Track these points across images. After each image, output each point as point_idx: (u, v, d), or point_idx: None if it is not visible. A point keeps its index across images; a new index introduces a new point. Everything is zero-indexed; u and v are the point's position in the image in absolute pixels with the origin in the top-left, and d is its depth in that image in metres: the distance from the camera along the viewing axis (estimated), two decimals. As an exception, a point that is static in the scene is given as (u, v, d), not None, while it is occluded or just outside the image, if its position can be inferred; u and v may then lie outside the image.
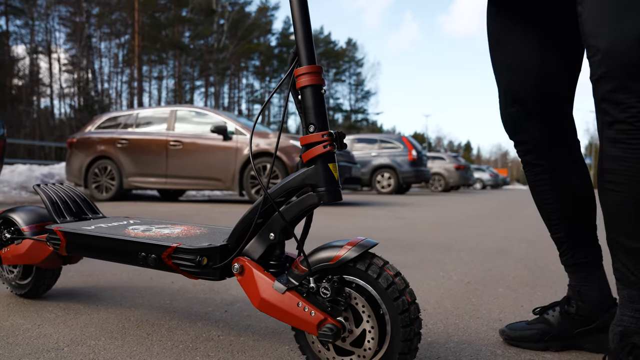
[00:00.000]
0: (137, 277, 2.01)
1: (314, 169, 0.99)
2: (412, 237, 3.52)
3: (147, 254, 1.16)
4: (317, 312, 0.95)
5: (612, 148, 0.96)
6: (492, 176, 29.47)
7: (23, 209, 1.54)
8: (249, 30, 38.90)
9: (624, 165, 0.95)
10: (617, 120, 0.93)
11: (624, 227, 0.96)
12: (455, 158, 17.20)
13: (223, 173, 6.83)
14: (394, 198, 10.23)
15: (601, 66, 0.93)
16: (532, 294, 1.84)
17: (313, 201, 0.99)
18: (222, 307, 1.57)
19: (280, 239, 1.04)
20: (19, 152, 24.90)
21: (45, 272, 1.56)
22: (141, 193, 9.36)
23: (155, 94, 40.21)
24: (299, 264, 1.00)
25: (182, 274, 1.13)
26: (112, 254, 1.25)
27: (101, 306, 1.55)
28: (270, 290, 1.00)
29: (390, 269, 0.95)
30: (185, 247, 1.10)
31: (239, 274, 1.05)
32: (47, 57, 33.58)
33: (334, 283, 0.95)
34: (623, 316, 0.96)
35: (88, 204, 1.58)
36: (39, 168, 9.63)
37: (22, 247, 1.47)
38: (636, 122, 0.91)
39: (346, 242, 0.97)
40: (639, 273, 0.95)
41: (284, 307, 0.98)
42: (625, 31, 0.90)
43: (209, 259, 1.09)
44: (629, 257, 0.96)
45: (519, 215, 6.13)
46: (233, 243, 1.09)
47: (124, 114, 7.86)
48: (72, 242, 1.32)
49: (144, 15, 32.45)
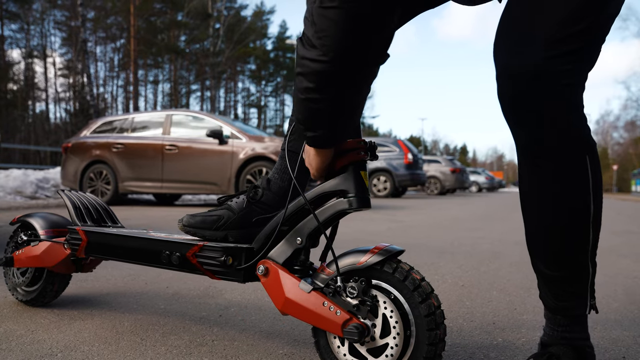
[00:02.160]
0: (132, 282, 2.01)
1: (346, 176, 1.01)
2: (407, 241, 3.53)
3: (172, 252, 1.17)
4: (342, 311, 0.95)
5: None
6: (488, 179, 29.56)
7: (40, 214, 1.58)
8: (244, 34, 38.93)
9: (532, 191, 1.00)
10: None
11: (542, 254, 1.01)
12: (451, 161, 17.25)
13: (219, 177, 6.83)
14: (390, 201, 10.24)
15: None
16: (525, 297, 1.85)
17: (344, 207, 1.00)
18: (216, 312, 1.58)
19: (307, 244, 1.05)
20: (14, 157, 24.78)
21: (55, 279, 1.56)
22: (137, 197, 9.34)
23: (151, 98, 40.18)
24: (325, 268, 1.02)
25: (206, 273, 1.13)
26: (134, 254, 1.26)
27: (95, 312, 1.55)
28: (296, 290, 1.01)
29: (417, 273, 0.96)
30: (211, 245, 1.11)
31: (263, 275, 1.06)
32: (43, 62, 33.52)
33: (361, 282, 0.96)
34: (546, 328, 1.05)
35: (109, 214, 1.60)
36: (34, 173, 9.59)
37: (37, 249, 1.49)
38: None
39: (373, 247, 0.99)
40: (555, 299, 1.01)
41: (310, 306, 0.99)
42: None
43: (234, 258, 1.09)
44: (548, 283, 1.02)
45: (514, 218, 6.16)
46: (258, 247, 1.10)
47: (120, 119, 7.85)
48: (94, 242, 1.34)
49: (140, 20, 32.43)
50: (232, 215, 1.18)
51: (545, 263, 1.01)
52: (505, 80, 0.94)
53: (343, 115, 0.98)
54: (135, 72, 33.22)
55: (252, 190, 1.20)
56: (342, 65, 0.90)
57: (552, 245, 0.99)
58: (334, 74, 0.90)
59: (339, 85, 0.93)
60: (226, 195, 1.25)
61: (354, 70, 0.92)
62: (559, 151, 0.93)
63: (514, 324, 1.51)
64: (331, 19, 0.86)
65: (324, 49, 0.88)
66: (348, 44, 0.88)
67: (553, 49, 0.88)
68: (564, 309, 1.01)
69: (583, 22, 0.88)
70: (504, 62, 0.94)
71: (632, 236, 4.23)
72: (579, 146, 0.94)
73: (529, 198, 1.01)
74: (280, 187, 1.19)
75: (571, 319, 1.01)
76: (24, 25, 31.90)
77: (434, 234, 4.07)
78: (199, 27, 35.99)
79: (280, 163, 1.23)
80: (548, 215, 0.98)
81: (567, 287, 0.99)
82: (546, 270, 1.01)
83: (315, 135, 0.98)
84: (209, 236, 1.18)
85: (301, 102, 0.95)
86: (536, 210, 1.00)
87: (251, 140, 6.81)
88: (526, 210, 1.03)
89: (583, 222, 0.96)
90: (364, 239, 3.56)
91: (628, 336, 1.40)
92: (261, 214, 1.17)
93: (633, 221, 6.04)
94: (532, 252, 1.04)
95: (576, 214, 0.96)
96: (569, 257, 0.98)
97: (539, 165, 0.96)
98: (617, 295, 1.92)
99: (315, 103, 0.94)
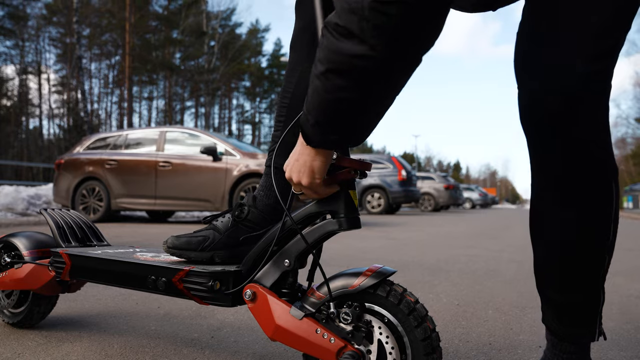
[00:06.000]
0: (122, 301, 1.97)
1: (335, 195, 0.98)
2: (401, 258, 3.51)
3: (157, 277, 1.13)
4: (336, 339, 0.92)
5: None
6: (481, 195, 29.67)
7: (24, 234, 1.53)
8: (239, 51, 39.22)
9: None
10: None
11: (555, 279, 0.99)
12: (444, 178, 17.32)
13: (212, 194, 6.80)
14: (384, 218, 10.22)
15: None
16: (521, 317, 1.83)
17: (333, 227, 0.98)
18: (208, 333, 1.55)
19: (295, 266, 1.02)
20: (6, 173, 24.61)
21: (41, 300, 1.53)
22: (130, 214, 9.26)
23: (145, 115, 40.19)
24: (315, 291, 0.98)
25: (193, 299, 1.10)
26: (119, 278, 1.22)
27: (84, 333, 1.52)
28: (287, 317, 0.97)
29: (411, 296, 0.94)
30: (198, 270, 1.08)
31: (250, 300, 1.02)
32: (37, 78, 33.53)
33: (355, 308, 0.93)
34: (547, 352, 1.04)
35: (94, 232, 1.56)
36: (26, 189, 9.51)
37: (21, 272, 1.44)
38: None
39: (365, 270, 0.96)
40: (564, 325, 0.99)
41: (302, 333, 0.95)
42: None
43: (222, 283, 1.06)
44: (558, 309, 1.00)
45: (508, 235, 6.15)
46: (247, 269, 1.07)
47: (113, 135, 7.83)
48: (77, 266, 1.29)
49: (135, 37, 32.62)
50: (218, 235, 1.15)
51: (559, 288, 0.98)
52: (537, 100, 0.91)
53: (374, 117, 0.87)
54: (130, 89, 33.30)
55: (238, 209, 1.16)
56: (392, 63, 0.78)
57: (569, 270, 0.96)
58: (380, 72, 0.78)
59: (381, 84, 0.81)
60: (212, 214, 1.22)
61: (403, 69, 0.81)
62: (588, 175, 0.91)
63: (510, 344, 1.49)
64: (390, 14, 0.73)
65: (376, 45, 0.75)
66: (405, 41, 0.76)
67: (588, 66, 0.87)
68: (573, 335, 0.98)
69: (612, 39, 0.87)
70: (537, 82, 0.91)
71: (626, 253, 4.23)
72: (608, 170, 0.92)
73: (546, 222, 0.98)
74: (266, 204, 1.16)
75: (579, 346, 0.98)
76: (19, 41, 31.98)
77: (428, 251, 4.05)
78: (194, 44, 36.24)
79: (265, 180, 1.19)
80: (568, 239, 0.95)
81: (578, 314, 0.97)
82: (558, 295, 0.98)
83: (334, 138, 0.87)
84: (195, 257, 1.15)
85: (327, 102, 0.82)
86: (555, 234, 0.97)
87: (245, 157, 6.80)
88: (541, 235, 1.00)
89: (603, 247, 0.94)
90: (357, 257, 3.54)
91: (625, 357, 1.38)
92: (248, 232, 1.14)
93: (626, 238, 6.05)
94: (543, 276, 1.01)
95: (598, 239, 0.94)
96: (585, 282, 0.95)
97: (564, 187, 0.93)
98: (613, 314, 1.90)
99: (348, 104, 0.82)
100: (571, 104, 0.89)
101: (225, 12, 39.28)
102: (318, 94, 0.83)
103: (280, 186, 1.09)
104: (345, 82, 0.79)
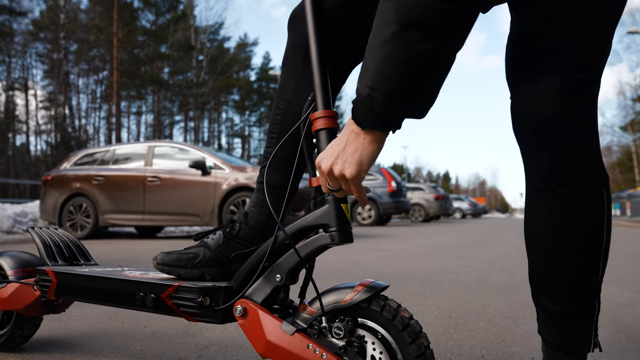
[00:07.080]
0: (108, 321, 1.93)
1: (327, 209, 0.97)
2: (392, 270, 3.49)
3: (146, 294, 1.10)
4: (329, 354, 0.90)
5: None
6: (471, 205, 29.84)
7: (8, 254, 1.50)
8: (228, 65, 39.28)
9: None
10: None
11: (551, 288, 0.98)
12: (434, 188, 17.39)
13: (202, 208, 6.75)
14: (375, 230, 10.21)
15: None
16: (513, 328, 1.82)
17: (326, 242, 0.96)
18: (196, 352, 1.51)
19: (287, 281, 1.01)
20: (-9, 190, 24.27)
21: (24, 323, 1.48)
22: (118, 230, 9.15)
23: (134, 129, 39.98)
24: (307, 306, 0.97)
25: (182, 315, 1.07)
26: (106, 296, 1.19)
27: (67, 355, 1.47)
28: (278, 332, 0.95)
29: (405, 312, 0.93)
30: (187, 285, 1.06)
31: (241, 316, 1.00)
32: (24, 94, 33.28)
33: (347, 323, 0.91)
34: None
35: (81, 251, 1.53)
36: (12, 207, 9.36)
37: (5, 291, 1.40)
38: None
39: (357, 284, 0.95)
40: (560, 336, 0.98)
41: (294, 349, 0.93)
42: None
43: (212, 299, 1.04)
44: (553, 320, 0.99)
45: (498, 245, 6.17)
46: (237, 285, 1.05)
47: (101, 150, 7.76)
48: (64, 284, 1.26)
49: (123, 52, 32.58)
50: (209, 252, 1.13)
51: (555, 298, 0.97)
52: (530, 104, 0.91)
53: (441, 76, 0.83)
54: (118, 104, 33.17)
55: (229, 225, 1.15)
56: (467, 10, 0.77)
57: (564, 278, 0.95)
58: (453, 18, 0.77)
59: (454, 33, 0.79)
60: (203, 231, 1.21)
61: (470, 17, 0.80)
62: (581, 179, 0.91)
63: (502, 356, 1.47)
64: None
65: None
66: None
67: (581, 72, 0.88)
68: (568, 346, 0.97)
69: (600, 45, 0.88)
70: (529, 87, 0.92)
71: (613, 261, 4.26)
72: (599, 176, 0.93)
73: (541, 229, 0.97)
74: (257, 221, 1.15)
75: (574, 357, 0.97)
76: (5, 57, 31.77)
77: (419, 262, 4.04)
78: (182, 59, 36.25)
79: (257, 196, 1.18)
80: (563, 246, 0.94)
81: (574, 324, 0.96)
82: (554, 306, 0.97)
83: (403, 108, 0.83)
84: (185, 275, 1.13)
85: (401, 64, 0.78)
86: (550, 241, 0.96)
87: (234, 171, 6.77)
88: (535, 243, 0.99)
89: (596, 254, 0.94)
90: (348, 269, 3.51)
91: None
92: (239, 249, 1.12)
93: (614, 246, 6.10)
94: (538, 286, 1.00)
95: (591, 245, 0.93)
96: (580, 291, 0.95)
97: (558, 193, 0.93)
98: (603, 322, 1.90)
99: (424, 58, 0.78)
100: (562, 110, 0.89)
101: (214, 27, 39.40)
102: (389, 61, 0.79)
103: (273, 202, 1.09)
104: (421, 33, 0.76)
